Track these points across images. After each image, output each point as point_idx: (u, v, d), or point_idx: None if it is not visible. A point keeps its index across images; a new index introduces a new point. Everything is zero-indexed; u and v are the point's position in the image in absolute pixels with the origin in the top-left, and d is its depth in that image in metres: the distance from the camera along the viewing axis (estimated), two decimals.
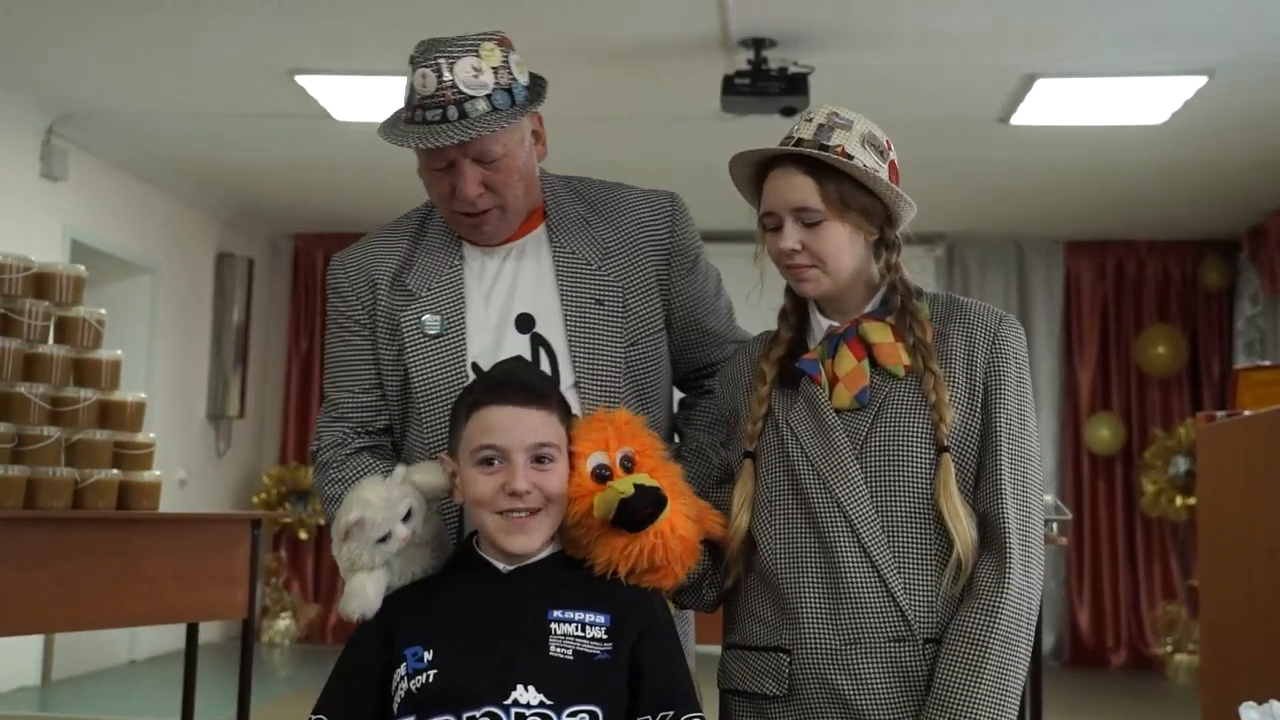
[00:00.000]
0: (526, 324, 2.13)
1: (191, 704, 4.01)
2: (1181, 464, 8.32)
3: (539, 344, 2.12)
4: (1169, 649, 8.27)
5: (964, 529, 1.87)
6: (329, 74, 5.99)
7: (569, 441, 1.93)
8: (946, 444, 1.90)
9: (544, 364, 2.11)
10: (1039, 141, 6.81)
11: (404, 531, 1.93)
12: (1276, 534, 3.13)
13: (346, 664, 1.93)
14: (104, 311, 3.87)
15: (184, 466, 8.10)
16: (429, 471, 1.99)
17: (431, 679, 1.81)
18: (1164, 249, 8.94)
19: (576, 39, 5.41)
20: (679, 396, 2.33)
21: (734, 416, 2.08)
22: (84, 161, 7.06)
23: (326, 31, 5.47)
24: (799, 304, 2.04)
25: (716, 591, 2.04)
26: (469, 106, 2.02)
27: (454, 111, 2.02)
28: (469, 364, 2.11)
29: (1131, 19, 5.18)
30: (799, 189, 1.92)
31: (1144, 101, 6.13)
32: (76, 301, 3.77)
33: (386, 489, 1.95)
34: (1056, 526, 4.21)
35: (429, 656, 1.83)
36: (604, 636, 1.85)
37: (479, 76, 2.03)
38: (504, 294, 2.15)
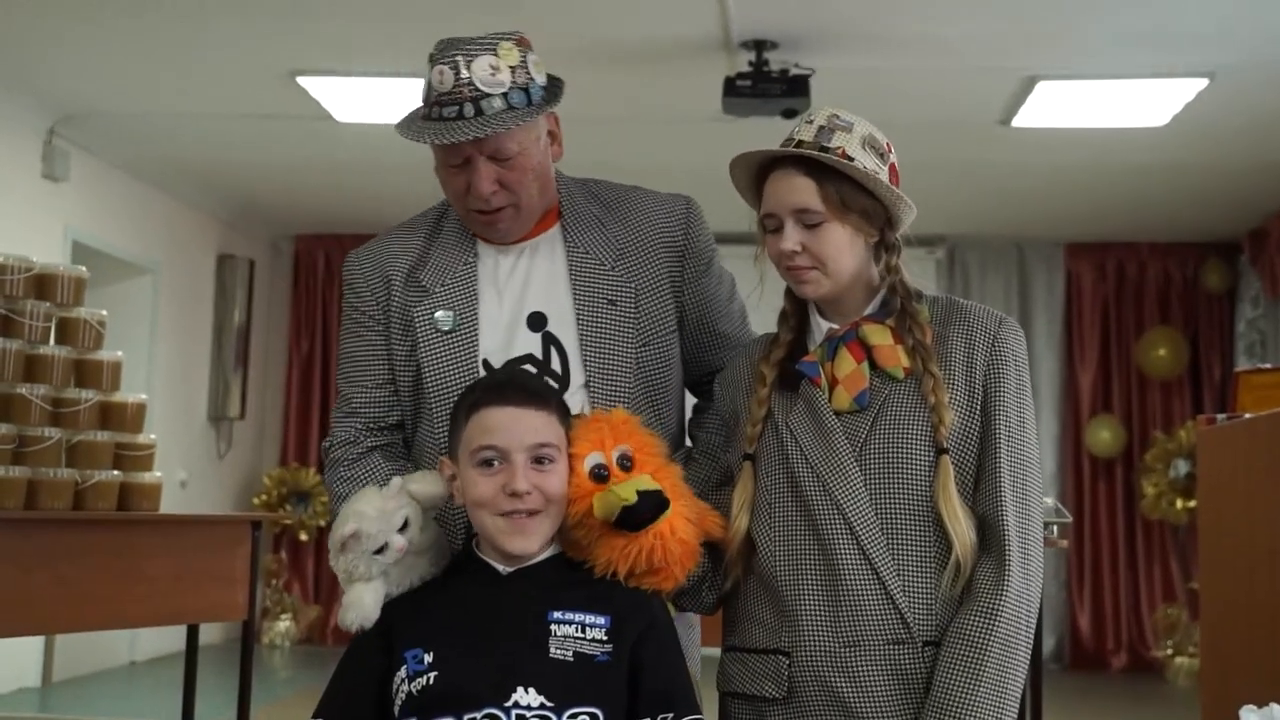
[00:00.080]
0: (539, 322, 2.14)
1: (192, 705, 4.00)
2: (1182, 466, 8.32)
3: (550, 343, 2.13)
4: (1169, 652, 8.26)
5: (963, 531, 1.87)
6: (330, 75, 5.99)
7: (568, 443, 1.93)
8: (946, 446, 1.89)
9: (555, 363, 2.12)
10: (1040, 144, 6.80)
11: (400, 542, 1.93)
12: (1277, 537, 3.12)
13: (347, 667, 1.93)
14: (105, 312, 3.87)
15: (185, 468, 8.10)
16: (426, 481, 1.99)
17: (432, 681, 1.81)
18: (1165, 251, 8.93)
19: (577, 40, 5.40)
20: (692, 402, 2.33)
21: (734, 418, 2.08)
22: (85, 162, 7.06)
23: (327, 32, 5.47)
24: (799, 306, 2.04)
25: (716, 594, 2.03)
26: (485, 104, 2.03)
27: (470, 109, 2.03)
28: (480, 360, 2.12)
29: (1132, 21, 5.18)
30: (799, 190, 1.92)
31: (1145, 104, 6.13)
32: (78, 302, 3.77)
33: (382, 500, 1.95)
34: (1057, 529, 4.19)
35: (429, 659, 1.83)
36: (604, 638, 1.84)
37: (496, 75, 2.04)
38: (517, 292, 2.16)
